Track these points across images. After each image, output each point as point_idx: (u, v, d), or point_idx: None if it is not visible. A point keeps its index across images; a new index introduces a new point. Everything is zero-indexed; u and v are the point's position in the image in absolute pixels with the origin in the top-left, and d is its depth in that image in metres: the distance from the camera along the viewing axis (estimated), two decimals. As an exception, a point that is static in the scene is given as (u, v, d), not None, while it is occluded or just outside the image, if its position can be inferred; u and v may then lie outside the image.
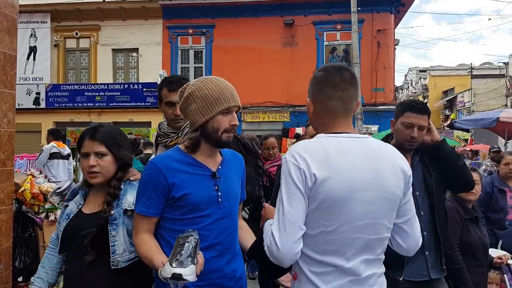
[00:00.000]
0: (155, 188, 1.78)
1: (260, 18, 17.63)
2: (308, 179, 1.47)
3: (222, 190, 1.88)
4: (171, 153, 1.88)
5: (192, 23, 17.79)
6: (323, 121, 1.66)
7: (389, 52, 17.44)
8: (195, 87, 1.86)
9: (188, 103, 1.87)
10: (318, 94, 1.65)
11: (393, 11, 17.70)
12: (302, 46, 17.43)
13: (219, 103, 1.82)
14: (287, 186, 1.50)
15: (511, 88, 29.23)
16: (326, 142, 1.55)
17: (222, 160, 1.96)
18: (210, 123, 1.83)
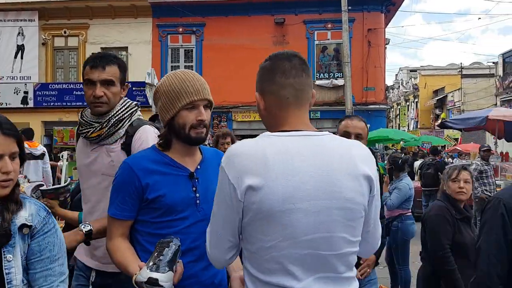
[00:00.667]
0: (128, 189, 1.69)
1: (250, 16, 17.54)
2: (236, 189, 1.29)
3: (200, 191, 1.77)
4: (146, 153, 1.80)
5: (182, 21, 17.65)
6: (274, 116, 1.44)
7: (380, 51, 17.44)
8: (161, 82, 1.80)
9: (156, 100, 1.82)
10: (268, 85, 1.43)
11: (384, 10, 17.71)
12: (293, 45, 17.33)
13: (181, 98, 1.73)
14: (217, 194, 1.38)
15: (500, 87, 29.43)
16: (267, 143, 1.34)
17: (201, 160, 1.86)
18: (175, 120, 1.75)
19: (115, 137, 2.09)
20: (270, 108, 1.45)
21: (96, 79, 2.07)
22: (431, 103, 40.90)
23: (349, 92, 15.02)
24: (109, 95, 2.09)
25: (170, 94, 1.74)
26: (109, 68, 2.07)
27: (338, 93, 17.11)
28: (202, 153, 1.89)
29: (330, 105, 17.16)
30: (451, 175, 3.18)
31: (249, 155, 1.31)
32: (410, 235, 5.14)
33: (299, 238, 1.27)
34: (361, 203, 1.34)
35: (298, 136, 1.35)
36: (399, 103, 49.39)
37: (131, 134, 2.07)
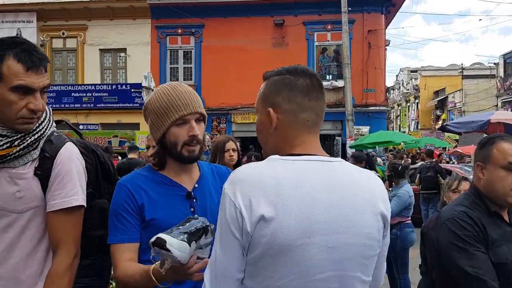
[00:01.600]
0: (128, 209, 1.58)
1: (250, 18, 17.44)
2: (246, 221, 1.11)
3: (199, 212, 1.63)
4: (140, 172, 1.70)
5: (181, 23, 17.56)
6: (286, 137, 1.27)
7: (380, 52, 17.34)
8: (149, 99, 1.69)
9: (146, 118, 1.72)
10: (286, 103, 1.27)
11: (384, 11, 17.61)
12: (292, 46, 17.27)
13: (170, 114, 1.61)
14: (221, 226, 1.16)
15: (501, 88, 29.31)
16: (279, 168, 1.18)
17: (199, 177, 1.73)
18: (167, 138, 1.63)
19: (26, 159, 1.56)
20: (283, 128, 1.27)
21: (36, 87, 1.51)
22: (431, 104, 40.78)
23: (349, 93, 14.91)
24: (44, 106, 1.58)
25: (158, 111, 1.63)
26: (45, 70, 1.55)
27: (338, 95, 17.00)
28: (200, 169, 1.77)
29: (330, 107, 17.04)
30: (451, 185, 3.06)
31: (260, 181, 1.14)
32: (410, 243, 5.02)
33: (312, 276, 1.13)
34: (378, 239, 1.24)
35: (313, 161, 1.22)
36: (399, 104, 49.30)
37: (50, 155, 1.58)
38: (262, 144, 1.35)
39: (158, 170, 1.68)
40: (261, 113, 1.32)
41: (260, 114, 1.33)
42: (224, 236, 1.15)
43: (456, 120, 9.80)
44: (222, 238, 1.16)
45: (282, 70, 1.32)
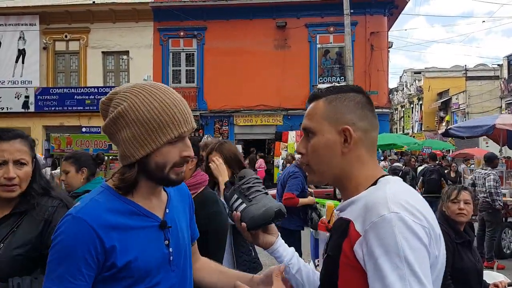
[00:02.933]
0: (85, 256, 1.20)
1: (252, 20, 17.41)
2: (433, 241, 1.06)
3: (173, 244, 1.37)
4: (101, 199, 1.28)
5: (184, 25, 17.55)
6: (362, 160, 1.21)
7: (383, 54, 17.27)
8: (128, 103, 1.26)
9: (118, 128, 1.28)
10: (361, 121, 1.21)
11: (387, 13, 17.53)
12: (295, 48, 17.22)
13: (167, 130, 1.25)
14: (418, 257, 1.01)
15: (505, 90, 29.15)
16: (412, 189, 1.17)
17: (168, 199, 1.43)
18: (152, 158, 1.26)
19: None
20: (355, 149, 1.20)
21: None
22: (435, 105, 40.59)
23: (351, 96, 14.80)
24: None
25: (150, 123, 1.24)
26: None
27: (341, 97, 16.91)
28: (165, 189, 1.44)
29: (333, 109, 16.99)
30: (450, 195, 3.01)
31: (419, 200, 1.11)
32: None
33: None
34: None
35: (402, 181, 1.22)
36: (403, 105, 49.13)
37: None
38: (322, 167, 1.23)
39: (122, 195, 1.30)
40: (328, 132, 1.21)
41: (325, 134, 1.21)
42: (425, 267, 1.02)
43: (460, 124, 9.72)
44: (425, 271, 1.01)
45: (345, 88, 1.27)
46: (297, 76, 16.97)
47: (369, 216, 1.05)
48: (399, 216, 1.02)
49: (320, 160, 1.22)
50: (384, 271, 0.99)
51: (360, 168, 1.20)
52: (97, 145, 12.19)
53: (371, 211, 1.05)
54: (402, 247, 0.99)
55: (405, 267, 0.98)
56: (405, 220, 1.01)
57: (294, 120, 17.16)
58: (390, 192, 1.08)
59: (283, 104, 17.08)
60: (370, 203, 1.08)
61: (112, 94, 1.32)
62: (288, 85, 16.82)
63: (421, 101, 43.31)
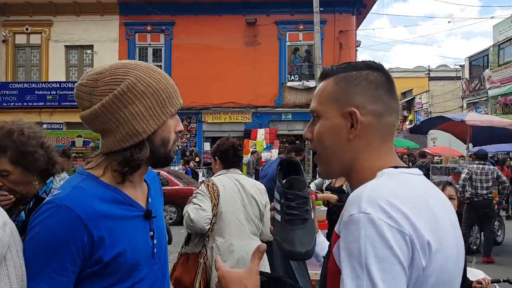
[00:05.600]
0: (71, 250, 1.08)
1: (222, 16, 17.21)
2: (418, 251, 0.87)
3: (156, 235, 1.29)
4: (86, 186, 1.16)
5: (151, 19, 17.17)
6: (372, 147, 1.05)
7: (351, 53, 17.44)
8: (133, 77, 1.18)
9: (124, 103, 1.17)
10: (373, 104, 1.04)
11: (355, 12, 17.70)
12: (265, 46, 17.15)
13: (173, 101, 1.23)
14: (381, 263, 0.84)
15: (467, 90, 30.10)
16: (416, 183, 0.98)
17: (148, 188, 1.35)
18: (159, 133, 1.21)
19: None
20: (365, 135, 1.04)
21: None
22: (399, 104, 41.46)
23: (320, 94, 14.87)
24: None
25: (160, 94, 1.19)
26: None
27: (310, 95, 16.97)
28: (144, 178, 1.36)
29: (302, 107, 17.02)
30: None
31: (414, 201, 0.92)
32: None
33: None
34: None
35: (416, 175, 1.03)
36: (368, 104, 50.11)
37: None
38: (329, 156, 1.08)
39: (108, 182, 1.20)
40: (332, 116, 1.06)
41: (329, 118, 1.06)
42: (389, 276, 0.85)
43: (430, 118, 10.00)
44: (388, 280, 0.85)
45: (360, 64, 1.08)
46: (267, 73, 16.90)
47: (344, 215, 0.92)
48: (369, 218, 0.86)
49: (324, 147, 1.07)
50: (344, 279, 0.86)
51: (368, 158, 1.04)
52: (59, 142, 11.78)
53: (346, 209, 0.92)
54: (365, 254, 0.84)
55: (365, 277, 0.83)
56: (376, 223, 0.85)
57: (263, 118, 17.11)
58: (371, 187, 0.92)
59: (252, 102, 16.98)
60: (349, 199, 0.93)
61: (96, 74, 1.20)
62: (257, 83, 16.73)
63: (386, 100, 44.17)
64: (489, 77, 26.59)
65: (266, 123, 17.15)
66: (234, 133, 17.69)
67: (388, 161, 1.03)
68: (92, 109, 1.18)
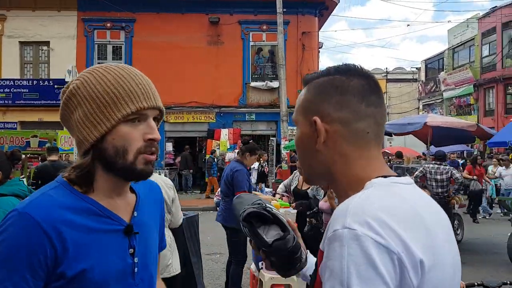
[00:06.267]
0: (32, 261, 0.98)
1: (184, 14, 16.98)
2: (408, 270, 0.81)
3: (139, 253, 1.15)
4: (54, 194, 1.06)
5: (111, 16, 16.72)
6: (346, 156, 0.99)
7: (313, 54, 17.61)
8: (80, 80, 1.10)
9: (71, 109, 1.10)
10: (338, 110, 0.99)
11: (317, 14, 17.90)
12: (228, 45, 17.05)
13: (122, 105, 1.07)
14: (364, 283, 0.78)
15: (423, 92, 31.10)
16: (407, 194, 0.92)
17: (136, 201, 1.21)
18: (109, 141, 1.07)
19: None
20: (335, 143, 0.99)
21: None
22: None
23: (284, 94, 14.95)
24: None
25: (102, 97, 1.06)
26: None
27: (273, 95, 17.02)
28: (135, 189, 1.22)
29: (265, 107, 17.05)
30: None
31: (407, 215, 0.86)
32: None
33: None
34: None
35: (405, 184, 0.96)
36: (328, 105, 50.99)
37: None
38: (305, 165, 1.05)
39: (82, 192, 1.09)
40: (302, 125, 1.03)
41: (300, 127, 1.04)
42: None
43: (391, 122, 10.12)
44: None
45: (330, 70, 1.04)
46: (230, 73, 16.81)
47: (328, 230, 0.85)
48: (353, 234, 0.80)
49: (301, 156, 1.05)
50: None
51: (346, 168, 0.98)
52: (13, 142, 11.22)
53: (330, 224, 0.85)
54: (347, 274, 0.78)
55: None
56: (361, 239, 0.79)
57: (227, 118, 17.00)
58: (358, 200, 0.86)
59: (216, 101, 16.83)
60: (334, 214, 0.87)
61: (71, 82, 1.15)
62: (221, 82, 16.60)
63: (345, 101, 45.10)
64: (444, 79, 27.58)
65: (230, 123, 17.05)
66: (197, 133, 17.51)
67: (374, 169, 0.97)
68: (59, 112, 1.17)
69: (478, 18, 24.78)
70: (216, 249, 7.85)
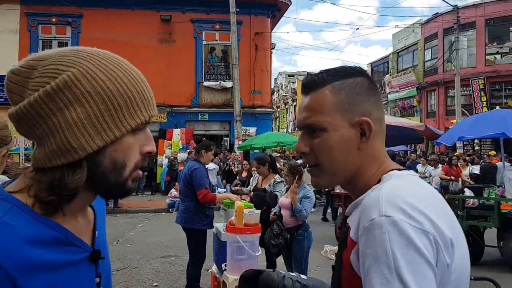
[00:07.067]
0: None
1: (134, 11, 16.56)
2: (442, 249, 0.87)
3: (103, 280, 0.99)
4: (13, 222, 0.80)
5: (56, 11, 16.01)
6: (374, 154, 1.05)
7: (266, 55, 17.72)
8: (78, 69, 0.84)
9: (57, 106, 0.83)
10: (376, 110, 1.06)
11: (270, 15, 18.03)
12: (180, 44, 16.80)
13: (136, 110, 0.88)
14: (410, 264, 0.83)
15: (369, 94, 32.14)
16: (424, 183, 1.00)
17: (94, 216, 1.03)
18: (109, 152, 0.86)
19: None
20: (373, 140, 1.04)
21: None
22: (308, 106, 43.24)
23: (237, 94, 14.93)
24: None
25: (113, 99, 0.85)
26: None
27: (227, 95, 16.96)
28: None
29: (218, 107, 16.95)
30: None
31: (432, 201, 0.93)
32: (312, 243, 5.06)
33: None
34: None
35: (413, 176, 1.03)
36: (278, 106, 51.42)
37: None
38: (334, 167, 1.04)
39: (43, 214, 0.84)
40: (341, 127, 1.02)
41: (337, 130, 1.02)
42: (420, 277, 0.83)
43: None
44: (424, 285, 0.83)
45: (347, 71, 1.07)
46: (183, 72, 16.57)
47: (362, 220, 0.90)
48: (391, 221, 0.85)
49: (333, 159, 1.03)
50: (372, 285, 0.84)
51: (374, 164, 1.05)
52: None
53: (364, 214, 0.91)
54: (393, 258, 0.83)
55: (396, 282, 0.82)
56: (399, 225, 0.84)
57: (179, 117, 16.75)
58: (386, 190, 0.92)
59: (167, 101, 16.52)
60: (364, 204, 0.93)
61: (35, 60, 0.86)
62: (173, 81, 16.33)
63: (295, 102, 45.75)
64: (389, 82, 28.65)
65: (182, 123, 16.80)
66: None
67: (388, 163, 1.05)
68: (18, 107, 0.85)
69: (421, 23, 25.94)
70: (172, 251, 7.69)
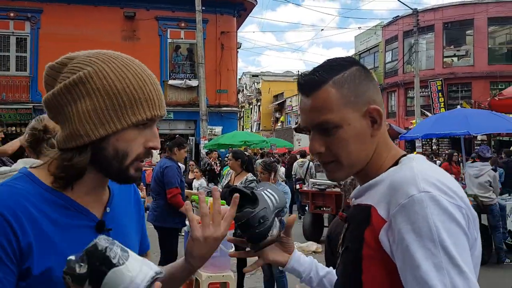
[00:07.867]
0: (1, 255, 0.89)
1: (97, 7, 16.15)
2: (472, 223, 0.94)
3: None
4: (17, 185, 0.97)
5: (15, 5, 15.42)
6: (385, 140, 1.09)
7: (232, 54, 17.71)
8: (93, 68, 0.99)
9: (73, 98, 0.99)
10: (377, 95, 1.09)
11: (236, 14, 18.01)
12: (144, 41, 16.52)
13: (139, 109, 1.00)
14: (452, 237, 0.87)
15: (332, 94, 32.73)
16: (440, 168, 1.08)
17: (110, 197, 1.12)
18: (112, 142, 0.99)
19: None
20: (381, 125, 1.06)
21: None
22: (272, 107, 43.54)
23: (203, 93, 14.84)
24: None
25: (119, 97, 0.98)
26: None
27: (192, 94, 16.83)
28: (108, 185, 1.13)
29: (184, 106, 16.78)
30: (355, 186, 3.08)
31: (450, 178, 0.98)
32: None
33: None
34: None
35: None
36: (242, 105, 51.53)
37: None
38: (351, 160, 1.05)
39: (56, 188, 1.00)
40: (353, 120, 1.03)
41: (350, 123, 1.03)
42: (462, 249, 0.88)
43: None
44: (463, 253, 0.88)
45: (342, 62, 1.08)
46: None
47: (395, 198, 0.92)
48: (431, 196, 0.89)
49: (351, 153, 1.04)
50: (416, 260, 0.86)
51: (385, 148, 1.08)
52: None
53: (398, 192, 0.92)
54: (437, 231, 0.86)
55: (441, 254, 0.85)
56: (439, 200, 0.88)
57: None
58: (418, 169, 0.95)
59: (131, 99, 16.25)
60: (395, 183, 0.94)
61: (67, 58, 1.04)
62: (137, 79, 16.08)
63: (259, 102, 45.95)
64: (352, 83, 29.24)
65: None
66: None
67: (395, 147, 1.10)
68: (47, 94, 1.03)
69: (383, 26, 26.61)
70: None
